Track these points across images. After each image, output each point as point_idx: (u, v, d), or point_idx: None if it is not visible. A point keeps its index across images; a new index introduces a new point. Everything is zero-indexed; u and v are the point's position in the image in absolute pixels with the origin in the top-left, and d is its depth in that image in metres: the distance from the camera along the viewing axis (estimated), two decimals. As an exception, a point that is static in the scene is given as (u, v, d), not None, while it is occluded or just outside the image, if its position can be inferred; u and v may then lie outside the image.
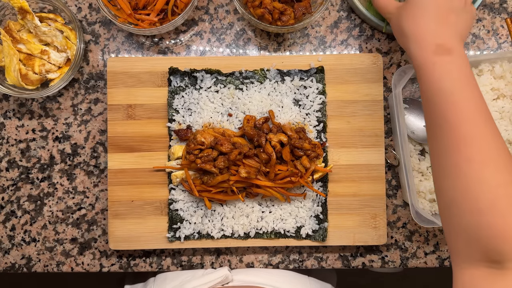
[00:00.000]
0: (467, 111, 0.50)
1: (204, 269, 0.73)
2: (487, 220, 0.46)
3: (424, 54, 0.54)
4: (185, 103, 0.70)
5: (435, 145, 0.52)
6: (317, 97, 0.70)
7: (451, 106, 0.50)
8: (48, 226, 0.74)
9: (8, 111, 0.75)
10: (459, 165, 0.48)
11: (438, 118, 0.52)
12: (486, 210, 0.46)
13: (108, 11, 0.70)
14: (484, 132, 0.49)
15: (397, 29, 0.59)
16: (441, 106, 0.51)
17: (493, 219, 0.46)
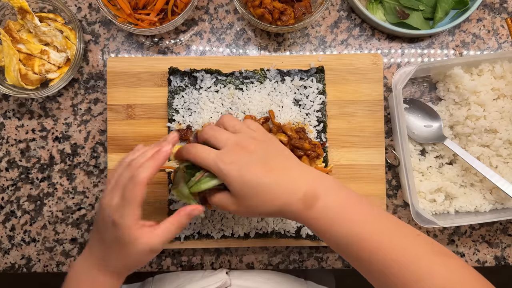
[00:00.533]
0: (372, 242, 0.48)
1: (204, 270, 0.73)
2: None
3: (299, 214, 0.50)
4: (185, 103, 0.70)
5: None
6: (317, 97, 0.70)
7: (355, 247, 0.48)
8: (48, 226, 0.74)
9: (8, 111, 0.75)
10: None
11: (352, 257, 0.50)
12: None
13: (108, 11, 0.70)
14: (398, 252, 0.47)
15: (244, 210, 0.52)
16: (346, 249, 0.49)
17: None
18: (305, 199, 0.49)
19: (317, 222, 0.49)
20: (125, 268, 0.53)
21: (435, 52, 0.76)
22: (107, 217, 0.49)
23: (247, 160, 0.50)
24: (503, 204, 0.71)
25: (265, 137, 0.53)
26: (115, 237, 0.49)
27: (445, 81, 0.72)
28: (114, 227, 0.49)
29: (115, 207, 0.49)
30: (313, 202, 0.49)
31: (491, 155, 0.70)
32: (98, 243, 0.53)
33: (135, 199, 0.48)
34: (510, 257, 0.74)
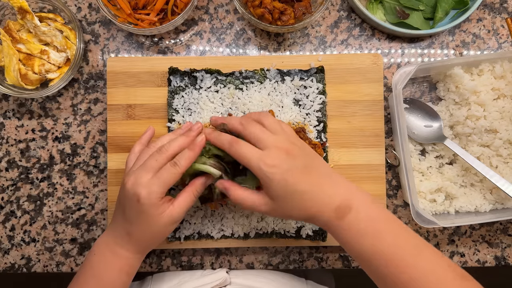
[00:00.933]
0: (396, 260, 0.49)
1: (204, 269, 0.73)
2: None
3: (329, 223, 0.52)
4: (185, 103, 0.70)
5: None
6: (317, 97, 0.70)
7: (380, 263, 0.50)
8: (47, 226, 0.74)
9: (7, 111, 0.75)
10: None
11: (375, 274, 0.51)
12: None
13: (108, 11, 0.70)
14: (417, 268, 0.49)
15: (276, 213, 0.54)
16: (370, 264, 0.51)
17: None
18: (338, 210, 0.51)
19: (346, 233, 0.51)
20: (148, 243, 0.57)
21: (435, 52, 0.76)
22: (132, 195, 0.53)
23: (290, 165, 0.51)
24: (503, 204, 0.71)
25: (301, 143, 0.55)
26: (140, 212, 0.53)
27: (445, 81, 0.72)
28: (139, 203, 0.53)
29: (145, 185, 0.53)
30: (345, 213, 0.51)
31: (491, 155, 0.70)
32: (122, 221, 0.56)
33: (169, 182, 0.53)
34: (510, 257, 0.74)
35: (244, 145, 0.52)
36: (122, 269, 0.57)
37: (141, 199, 0.52)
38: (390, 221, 0.52)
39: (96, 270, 0.57)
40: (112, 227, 0.59)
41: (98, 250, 0.58)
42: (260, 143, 0.52)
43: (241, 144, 0.52)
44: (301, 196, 0.51)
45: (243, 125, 0.54)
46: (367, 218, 0.51)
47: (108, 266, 0.56)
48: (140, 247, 0.57)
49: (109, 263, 0.57)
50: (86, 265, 0.58)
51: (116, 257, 0.57)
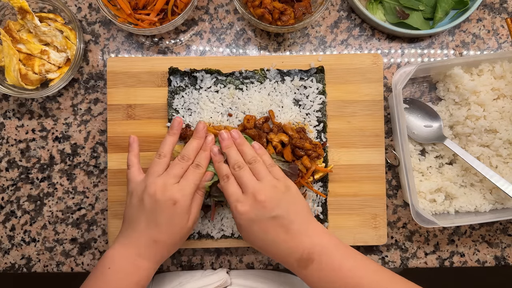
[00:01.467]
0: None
1: (204, 269, 0.73)
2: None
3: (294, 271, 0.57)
4: (185, 103, 0.70)
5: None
6: (317, 97, 0.70)
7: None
8: (48, 226, 0.74)
9: (8, 111, 0.75)
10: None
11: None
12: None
13: (108, 11, 0.70)
14: None
15: None
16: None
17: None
18: (300, 261, 0.55)
19: (310, 279, 0.56)
20: (172, 249, 0.60)
21: (435, 52, 0.76)
22: (167, 200, 0.57)
23: (258, 216, 0.56)
24: (503, 204, 0.71)
25: (285, 187, 0.59)
26: (174, 215, 0.57)
27: (445, 81, 0.72)
28: (175, 206, 0.57)
29: (178, 189, 0.58)
30: (307, 264, 0.55)
31: (491, 155, 0.70)
32: (146, 229, 0.58)
33: (197, 182, 0.60)
34: (510, 257, 0.74)
35: (231, 185, 0.60)
36: (139, 282, 0.57)
37: (177, 202, 0.57)
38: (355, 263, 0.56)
39: (113, 284, 0.56)
40: (130, 238, 0.58)
41: (114, 264, 0.57)
42: (243, 187, 0.59)
43: (230, 182, 0.60)
44: (263, 243, 0.57)
45: (234, 169, 0.60)
46: (328, 268, 0.55)
47: (127, 280, 0.56)
48: (163, 254, 0.59)
49: (129, 277, 0.56)
50: (99, 279, 0.56)
51: (137, 269, 0.57)
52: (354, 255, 0.56)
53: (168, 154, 0.62)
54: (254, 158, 0.61)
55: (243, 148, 0.63)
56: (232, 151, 0.62)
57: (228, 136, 0.63)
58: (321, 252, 0.55)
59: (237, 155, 0.62)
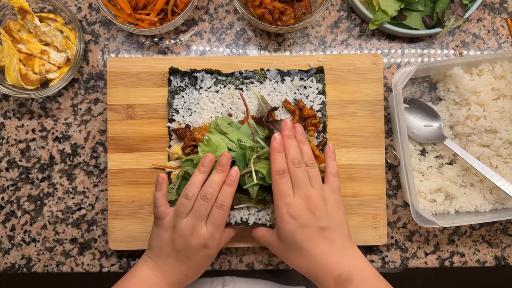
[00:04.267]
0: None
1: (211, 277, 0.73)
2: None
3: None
4: (185, 103, 0.70)
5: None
6: (317, 97, 0.70)
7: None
8: (48, 226, 0.74)
9: (8, 111, 0.75)
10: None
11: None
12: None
13: (108, 11, 0.70)
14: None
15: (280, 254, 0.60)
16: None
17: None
18: (338, 280, 0.53)
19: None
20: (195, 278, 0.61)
21: (435, 52, 0.76)
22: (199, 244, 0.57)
23: (307, 223, 0.55)
24: (503, 204, 0.71)
25: (336, 203, 0.58)
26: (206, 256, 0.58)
27: (445, 81, 0.72)
28: (207, 249, 0.58)
29: (208, 235, 0.57)
30: (345, 285, 0.53)
31: (491, 155, 0.70)
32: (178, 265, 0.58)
33: (223, 223, 0.58)
34: (510, 257, 0.74)
35: (286, 184, 0.57)
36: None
37: (209, 246, 0.58)
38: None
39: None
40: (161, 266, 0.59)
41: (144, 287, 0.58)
42: (296, 188, 0.57)
43: (285, 180, 0.57)
44: (303, 253, 0.55)
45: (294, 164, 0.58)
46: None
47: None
48: (188, 283, 0.60)
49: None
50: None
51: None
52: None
53: (196, 195, 0.58)
54: (312, 162, 0.59)
55: (304, 147, 0.60)
56: (293, 143, 0.59)
57: (291, 127, 0.60)
58: (362, 276, 0.54)
59: (297, 150, 0.59)
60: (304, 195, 0.56)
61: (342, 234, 0.57)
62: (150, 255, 0.60)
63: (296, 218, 0.55)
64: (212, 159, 0.59)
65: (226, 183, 0.58)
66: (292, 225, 0.55)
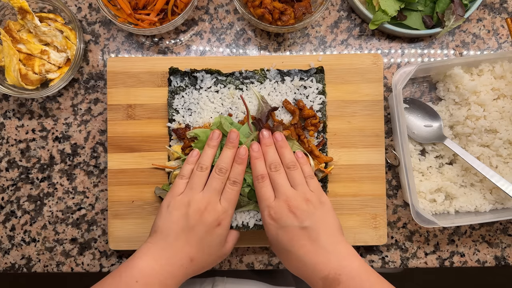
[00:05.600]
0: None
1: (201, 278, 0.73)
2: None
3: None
4: (185, 103, 0.70)
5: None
6: (317, 97, 0.70)
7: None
8: (48, 226, 0.74)
9: (8, 111, 0.75)
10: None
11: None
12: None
13: (108, 11, 0.70)
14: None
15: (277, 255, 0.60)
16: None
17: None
18: (326, 280, 0.53)
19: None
20: (202, 269, 0.58)
21: (435, 52, 0.76)
22: (213, 220, 0.56)
23: (288, 224, 0.55)
24: (503, 204, 0.71)
25: (320, 201, 0.58)
26: (218, 235, 0.57)
27: (445, 81, 0.72)
28: (220, 226, 0.57)
29: (222, 210, 0.57)
30: (333, 286, 0.52)
31: (491, 155, 0.70)
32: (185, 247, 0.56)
33: (236, 200, 0.59)
34: (510, 257, 0.74)
35: (265, 187, 0.59)
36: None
37: (222, 223, 0.57)
38: None
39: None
40: (165, 253, 0.55)
41: (143, 278, 0.53)
42: (277, 192, 0.58)
43: (265, 184, 0.59)
44: (288, 254, 0.56)
45: (271, 169, 0.59)
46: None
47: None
48: (192, 274, 0.57)
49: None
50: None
51: None
52: (382, 284, 0.54)
53: (209, 167, 0.60)
54: (293, 164, 0.60)
55: (284, 151, 0.61)
56: (271, 150, 0.61)
57: (269, 135, 0.62)
58: (350, 276, 0.52)
59: (275, 156, 0.60)
60: (285, 196, 0.57)
61: (328, 232, 0.56)
62: (154, 240, 0.57)
63: (276, 220, 0.56)
64: (219, 134, 0.62)
65: (236, 161, 0.60)
66: (274, 227, 0.56)
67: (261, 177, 0.59)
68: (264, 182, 0.59)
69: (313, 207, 0.57)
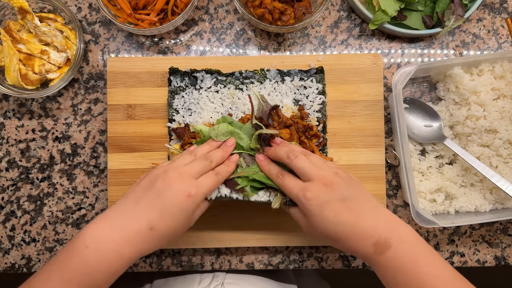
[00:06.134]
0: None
1: (203, 270, 0.73)
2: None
3: (367, 257, 0.52)
4: (185, 103, 0.70)
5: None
6: (317, 97, 0.70)
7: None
8: (48, 226, 0.74)
9: (8, 111, 0.75)
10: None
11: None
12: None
13: (108, 11, 0.70)
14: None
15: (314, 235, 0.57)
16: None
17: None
18: (377, 245, 0.51)
19: (383, 268, 0.51)
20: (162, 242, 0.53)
21: (435, 52, 0.76)
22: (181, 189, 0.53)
23: (329, 198, 0.53)
24: (503, 204, 0.71)
25: (347, 175, 0.57)
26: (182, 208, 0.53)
27: (445, 81, 0.72)
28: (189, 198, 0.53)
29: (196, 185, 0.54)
30: (384, 250, 0.51)
31: (491, 155, 0.70)
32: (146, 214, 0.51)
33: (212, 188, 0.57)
34: (510, 257, 0.74)
35: (288, 178, 0.57)
36: (117, 272, 0.50)
37: (191, 196, 0.53)
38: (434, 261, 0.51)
39: (91, 269, 0.48)
40: (122, 219, 0.51)
41: (94, 244, 0.48)
42: (305, 176, 0.55)
43: (286, 177, 0.57)
44: (335, 227, 0.52)
45: (290, 159, 0.57)
46: (407, 258, 0.50)
47: (105, 267, 0.48)
48: (150, 247, 0.52)
49: (107, 265, 0.49)
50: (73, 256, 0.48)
51: (119, 258, 0.49)
52: (432, 251, 0.52)
53: (199, 157, 0.58)
54: (306, 151, 0.59)
55: (291, 146, 0.60)
56: (278, 148, 0.60)
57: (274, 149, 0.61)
58: (400, 240, 0.51)
59: (286, 148, 0.59)
60: (315, 176, 0.55)
61: (368, 200, 0.55)
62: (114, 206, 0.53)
63: (316, 198, 0.53)
64: (219, 144, 0.62)
65: (225, 163, 0.60)
66: (315, 205, 0.53)
67: (279, 174, 0.58)
68: (284, 176, 0.57)
69: (345, 179, 0.56)
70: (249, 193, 0.60)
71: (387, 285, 0.52)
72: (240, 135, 0.64)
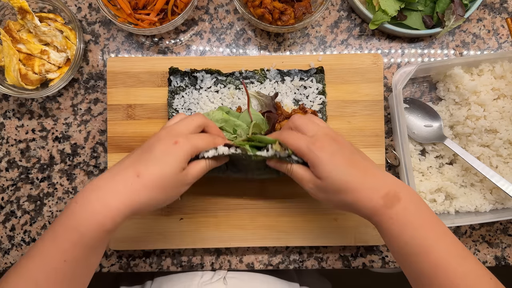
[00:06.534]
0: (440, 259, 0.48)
1: (203, 269, 0.73)
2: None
3: (375, 211, 0.51)
4: (185, 103, 0.70)
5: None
6: (317, 97, 0.70)
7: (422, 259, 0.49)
8: (48, 226, 0.74)
9: (8, 111, 0.75)
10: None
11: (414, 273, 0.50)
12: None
13: (108, 11, 0.70)
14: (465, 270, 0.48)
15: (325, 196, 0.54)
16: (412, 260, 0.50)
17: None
18: (387, 197, 0.50)
19: (391, 223, 0.50)
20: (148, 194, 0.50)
21: (435, 52, 0.76)
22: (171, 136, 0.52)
23: (337, 149, 0.52)
24: (503, 204, 0.71)
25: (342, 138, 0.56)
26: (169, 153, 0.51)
27: (445, 81, 0.72)
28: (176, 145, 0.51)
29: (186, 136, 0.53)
30: (394, 203, 0.50)
31: (491, 155, 0.70)
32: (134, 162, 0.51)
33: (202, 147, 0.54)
34: (510, 257, 0.74)
35: (292, 133, 0.55)
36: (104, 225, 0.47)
37: (178, 142, 0.51)
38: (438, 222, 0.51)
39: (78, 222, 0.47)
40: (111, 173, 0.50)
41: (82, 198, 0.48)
42: (308, 132, 0.55)
43: (290, 132, 0.56)
44: (346, 177, 0.51)
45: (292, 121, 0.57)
46: (416, 212, 0.50)
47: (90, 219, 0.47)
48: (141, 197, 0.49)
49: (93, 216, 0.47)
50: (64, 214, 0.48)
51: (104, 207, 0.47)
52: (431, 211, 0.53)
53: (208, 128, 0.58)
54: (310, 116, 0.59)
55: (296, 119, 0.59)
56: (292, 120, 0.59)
57: None
58: (408, 194, 0.51)
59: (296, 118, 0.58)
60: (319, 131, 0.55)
61: (368, 159, 0.56)
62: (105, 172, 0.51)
63: (326, 148, 0.52)
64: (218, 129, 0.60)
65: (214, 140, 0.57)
66: (327, 154, 0.51)
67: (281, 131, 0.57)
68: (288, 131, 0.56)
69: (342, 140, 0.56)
70: (248, 149, 0.57)
71: (392, 244, 0.51)
72: (236, 122, 0.64)
